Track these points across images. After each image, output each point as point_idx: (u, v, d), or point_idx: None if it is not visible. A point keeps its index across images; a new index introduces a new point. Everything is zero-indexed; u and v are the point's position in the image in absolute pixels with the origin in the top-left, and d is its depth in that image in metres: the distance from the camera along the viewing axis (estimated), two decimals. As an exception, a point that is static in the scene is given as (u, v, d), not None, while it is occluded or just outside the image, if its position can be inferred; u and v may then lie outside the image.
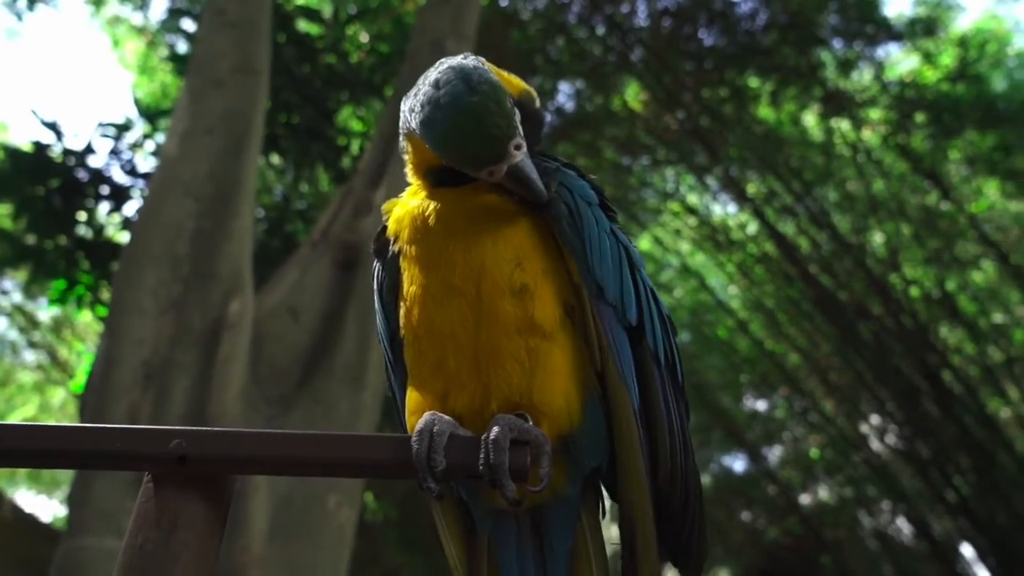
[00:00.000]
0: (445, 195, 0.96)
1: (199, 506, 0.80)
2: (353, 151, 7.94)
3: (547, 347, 0.89)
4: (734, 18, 9.55)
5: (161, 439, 0.80)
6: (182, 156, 4.08)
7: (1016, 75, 9.98)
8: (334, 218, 4.62)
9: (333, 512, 3.41)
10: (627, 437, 0.90)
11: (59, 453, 0.80)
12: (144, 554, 0.75)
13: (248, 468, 0.82)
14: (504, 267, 0.91)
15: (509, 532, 0.94)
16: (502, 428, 0.81)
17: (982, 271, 9.96)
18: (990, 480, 9.22)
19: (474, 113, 0.86)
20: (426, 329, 0.93)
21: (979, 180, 9.40)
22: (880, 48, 9.42)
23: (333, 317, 4.04)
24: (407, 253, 0.97)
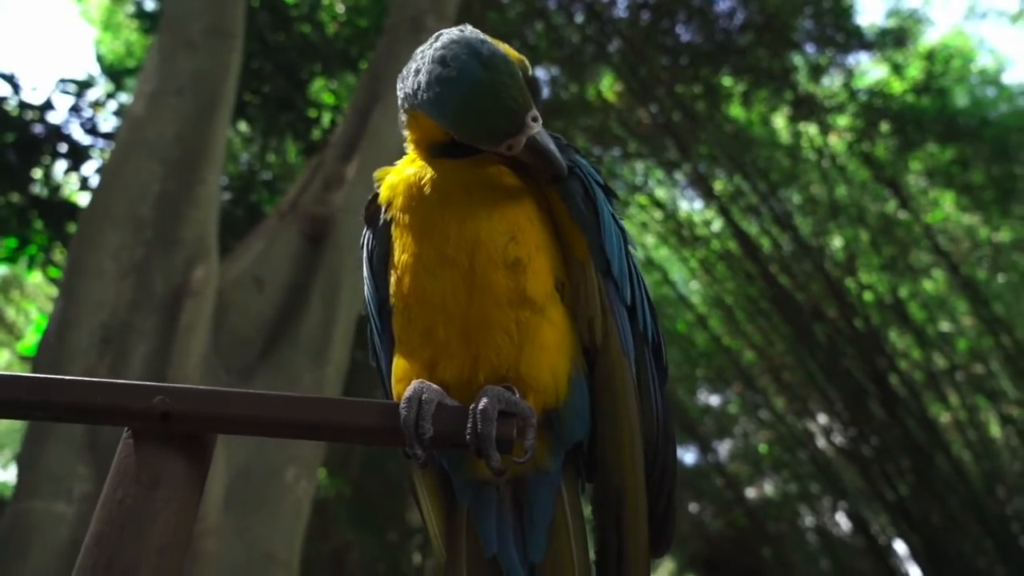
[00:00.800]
0: (442, 165, 0.96)
1: (180, 464, 0.79)
2: (324, 124, 7.82)
3: (537, 321, 0.90)
4: (712, 16, 9.62)
5: (144, 395, 0.79)
6: (149, 117, 3.97)
7: (977, 92, 10.28)
8: (303, 190, 4.56)
9: (291, 485, 3.39)
10: (624, 409, 0.91)
11: (37, 404, 0.78)
12: (124, 508, 0.74)
13: (231, 428, 0.81)
14: (498, 239, 0.91)
15: (489, 504, 0.95)
16: (491, 399, 0.82)
17: (933, 280, 10.27)
18: (927, 481, 9.56)
19: (490, 88, 0.86)
20: (417, 298, 0.93)
21: (936, 192, 9.68)
22: (851, 56, 9.60)
23: (299, 289, 3.99)
24: (400, 221, 0.97)
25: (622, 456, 0.91)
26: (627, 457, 0.91)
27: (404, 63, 4.38)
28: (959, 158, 9.10)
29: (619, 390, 0.91)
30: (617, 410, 0.91)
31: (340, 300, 4.02)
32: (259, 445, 3.40)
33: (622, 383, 0.92)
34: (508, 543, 0.94)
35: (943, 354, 10.05)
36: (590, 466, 0.97)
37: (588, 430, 0.93)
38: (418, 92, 0.92)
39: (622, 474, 0.91)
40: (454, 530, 0.96)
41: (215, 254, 3.76)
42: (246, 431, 0.82)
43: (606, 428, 0.92)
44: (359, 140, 4.85)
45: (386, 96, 5.15)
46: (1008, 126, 9.26)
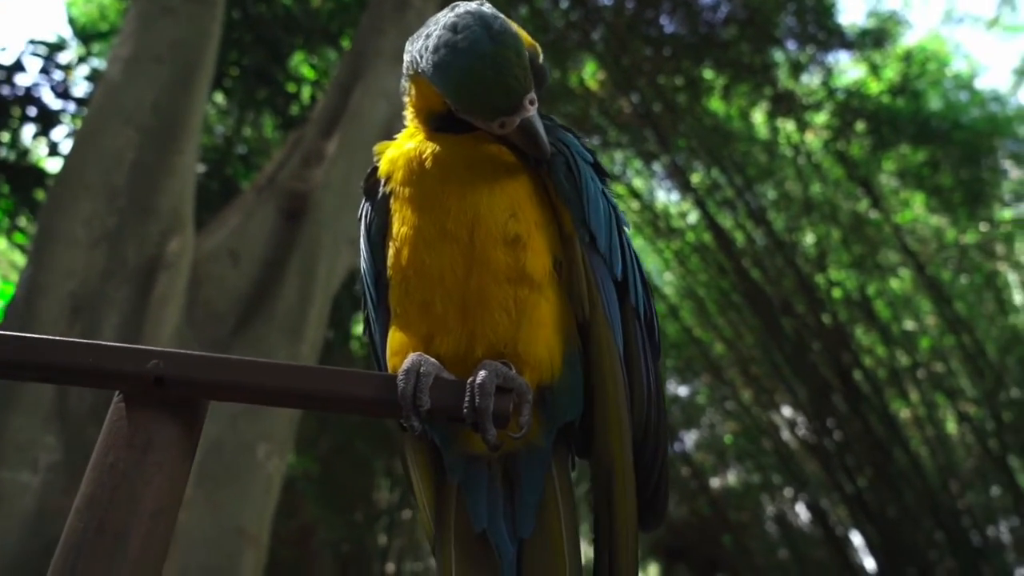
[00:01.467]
0: (444, 140, 0.96)
1: (173, 429, 0.78)
2: (303, 99, 7.71)
3: (535, 298, 0.91)
4: (696, 8, 9.65)
5: (138, 358, 0.78)
6: (126, 83, 3.88)
7: (951, 96, 10.46)
8: (282, 165, 4.50)
9: (262, 462, 3.37)
10: (611, 384, 0.92)
11: (26, 364, 0.77)
12: (115, 472, 0.73)
13: (226, 394, 0.81)
14: (499, 216, 0.91)
15: (480, 479, 0.96)
16: (489, 373, 0.82)
17: (900, 279, 10.48)
18: (884, 475, 9.80)
19: (494, 62, 0.86)
20: (415, 270, 0.93)
21: (907, 192, 9.85)
22: (831, 55, 9.69)
23: (275, 265, 3.95)
24: (399, 194, 0.96)
25: (609, 432, 0.92)
26: (614, 433, 0.92)
27: (388, 41, 4.39)
28: (930, 160, 9.27)
29: (605, 363, 0.92)
30: (605, 384, 0.92)
31: (317, 277, 3.99)
32: (232, 420, 3.37)
33: (608, 356, 0.93)
34: (498, 519, 0.95)
35: (906, 352, 10.27)
36: (582, 444, 0.98)
37: (580, 409, 0.94)
38: (423, 56, 0.91)
39: (610, 450, 0.92)
40: (443, 505, 0.97)
41: (191, 226, 3.71)
42: (241, 398, 0.81)
43: (597, 404, 0.93)
44: (340, 117, 4.80)
45: (368, 74, 5.09)
46: (979, 131, 9.45)
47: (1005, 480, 9.84)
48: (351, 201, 4.59)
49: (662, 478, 0.98)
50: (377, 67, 5.13)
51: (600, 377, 0.92)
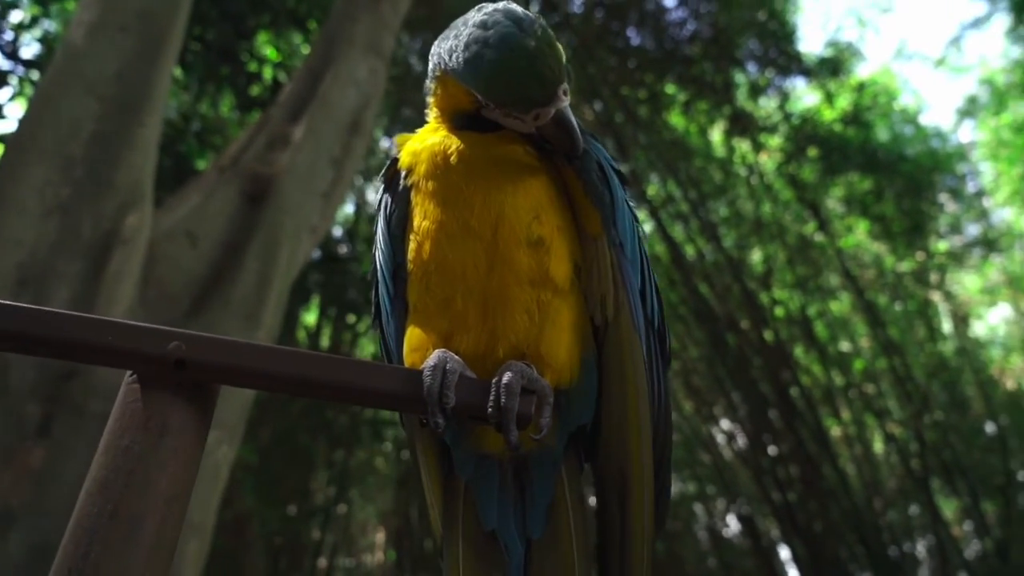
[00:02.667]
0: (469, 137, 0.96)
1: (189, 413, 0.76)
2: (265, 80, 7.54)
3: (557, 302, 0.91)
4: (663, 23, 9.81)
5: (159, 339, 0.75)
6: (88, 50, 3.72)
7: (897, 129, 10.90)
8: (246, 146, 4.39)
9: (211, 448, 3.27)
10: (633, 389, 0.93)
11: (43, 339, 0.73)
12: (131, 456, 0.71)
13: (246, 381, 0.79)
14: (523, 217, 0.91)
15: (491, 479, 0.96)
16: (515, 374, 0.82)
17: (840, 301, 10.85)
18: (813, 490, 10.13)
19: (528, 53, 0.85)
20: (437, 265, 0.92)
21: (852, 219, 10.20)
22: (788, 80, 9.98)
23: (234, 249, 3.85)
24: (422, 188, 0.96)
25: (629, 436, 0.92)
26: (634, 437, 0.92)
27: (361, 29, 4.36)
28: (876, 189, 9.63)
29: (628, 367, 0.93)
30: (626, 389, 0.93)
31: (277, 263, 3.90)
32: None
33: (631, 360, 0.93)
34: (508, 519, 0.95)
35: (841, 372, 10.64)
36: (589, 448, 0.99)
37: (592, 413, 0.95)
38: (452, 55, 0.91)
39: (627, 454, 0.92)
40: (451, 503, 0.97)
41: (150, 203, 3.58)
42: (261, 385, 0.79)
43: (613, 408, 0.94)
44: (308, 103, 4.71)
45: (339, 61, 5.02)
46: (921, 164, 9.87)
47: (924, 499, 10.28)
48: (315, 188, 4.51)
49: (665, 486, 1.00)
50: (349, 55, 5.06)
51: (621, 382, 0.93)
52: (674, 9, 10.01)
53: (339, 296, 8.70)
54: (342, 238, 9.82)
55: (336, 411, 8.65)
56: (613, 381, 0.94)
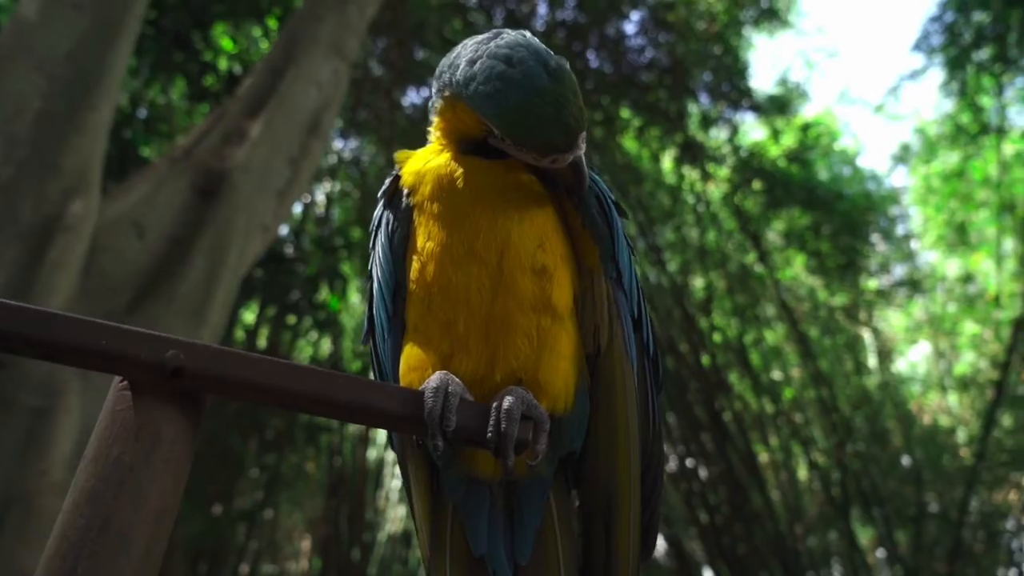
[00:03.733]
0: (475, 162, 0.96)
1: (182, 424, 0.73)
2: (220, 71, 7.36)
3: (556, 329, 0.92)
4: (623, 48, 10.01)
5: (156, 346, 0.73)
6: (40, 25, 3.57)
7: (836, 169, 11.36)
8: (200, 139, 4.27)
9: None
10: (623, 417, 0.94)
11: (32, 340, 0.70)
12: (122, 466, 0.68)
13: (244, 393, 0.77)
14: (528, 244, 0.92)
15: (481, 503, 0.95)
16: (515, 400, 0.82)
17: (774, 331, 11.19)
18: (740, 514, 10.39)
19: (553, 99, 0.86)
20: (440, 288, 0.92)
21: (791, 252, 10.55)
22: (739, 113, 10.30)
23: (183, 243, 3.73)
24: (426, 209, 0.95)
25: (618, 463, 0.94)
26: (623, 465, 0.94)
27: (326, 29, 4.33)
28: (814, 225, 9.99)
29: (619, 398, 0.94)
30: (616, 417, 0.94)
31: (226, 261, 3.80)
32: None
33: (623, 391, 0.95)
34: (498, 544, 0.94)
35: (771, 400, 10.97)
36: (575, 473, 1.00)
37: (583, 439, 0.96)
38: (471, 83, 0.90)
39: (616, 481, 0.94)
40: (439, 525, 0.96)
41: (97, 190, 3.44)
42: (260, 398, 0.77)
43: (602, 436, 0.95)
44: (268, 99, 4.62)
45: (302, 59, 4.94)
46: (857, 205, 10.30)
47: (843, 527, 10.64)
48: (270, 186, 4.42)
49: (655, 514, 1.01)
50: (312, 54, 4.99)
51: (611, 412, 0.94)
52: (634, 36, 10.23)
53: (281, 296, 8.52)
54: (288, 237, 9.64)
55: (271, 413, 8.44)
56: (604, 410, 0.95)
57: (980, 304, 10.30)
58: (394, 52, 10.13)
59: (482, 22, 10.04)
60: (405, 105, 11.10)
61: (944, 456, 10.03)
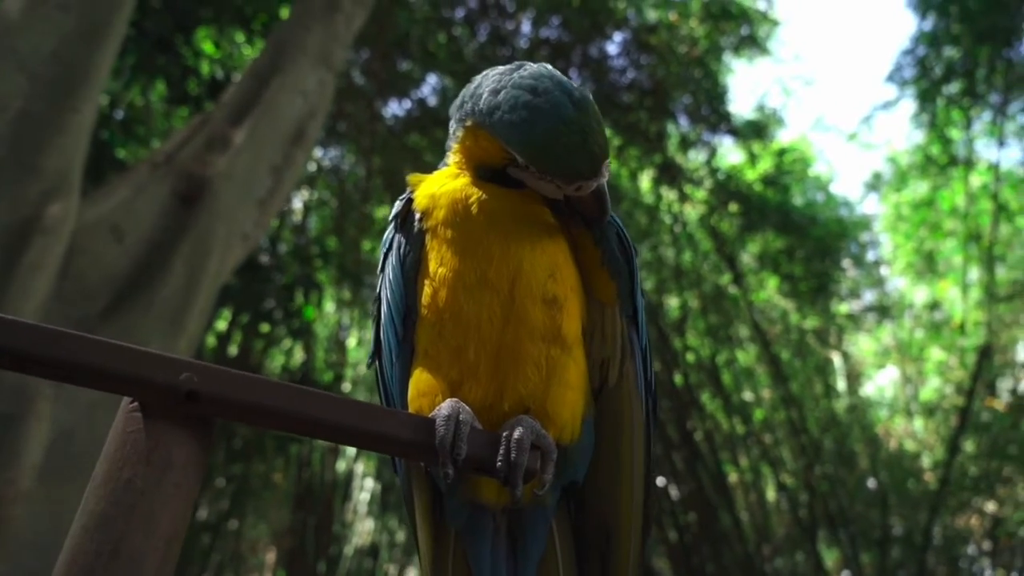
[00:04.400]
0: (491, 189, 0.96)
1: (193, 447, 0.73)
2: (203, 75, 7.30)
3: (565, 360, 0.93)
4: (605, 68, 10.12)
5: (170, 368, 0.72)
6: (24, 24, 3.52)
7: (810, 195, 11.57)
8: (183, 144, 4.23)
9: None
10: (629, 452, 0.95)
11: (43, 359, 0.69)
12: (132, 490, 0.67)
13: (257, 418, 0.76)
14: (540, 274, 0.93)
15: (484, 530, 0.96)
16: (526, 430, 0.83)
17: (746, 352, 11.32)
18: (708, 533, 10.44)
19: (579, 128, 0.87)
20: (452, 314, 0.92)
21: (765, 274, 10.71)
22: (717, 137, 10.46)
23: (162, 249, 3.68)
24: (440, 233, 0.96)
25: (621, 496, 0.95)
26: (625, 498, 0.95)
27: (314, 39, 4.35)
28: (788, 249, 10.15)
29: (626, 432, 0.96)
30: (620, 451, 0.95)
31: (206, 269, 3.76)
32: (89, 409, 3.07)
33: (630, 426, 0.96)
34: (500, 571, 0.94)
35: (742, 420, 11.07)
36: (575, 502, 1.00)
37: (586, 470, 0.97)
38: (495, 112, 0.91)
39: (616, 513, 0.95)
40: (441, 551, 0.96)
41: (76, 193, 3.39)
42: (271, 424, 0.77)
43: (604, 467, 0.96)
44: (253, 107, 4.60)
45: (288, 68, 4.92)
46: (830, 230, 10.49)
47: (809, 548, 10.75)
48: (252, 194, 4.38)
49: (644, 545, 1.02)
50: (299, 63, 4.98)
51: (616, 445, 0.95)
52: (616, 57, 10.35)
53: (256, 304, 8.42)
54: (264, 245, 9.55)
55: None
56: (609, 442, 0.96)
57: (946, 331, 10.53)
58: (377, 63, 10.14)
59: (466, 37, 10.10)
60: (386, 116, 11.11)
61: (909, 480, 10.20)
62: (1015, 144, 10.03)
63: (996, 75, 9.52)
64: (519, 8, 10.41)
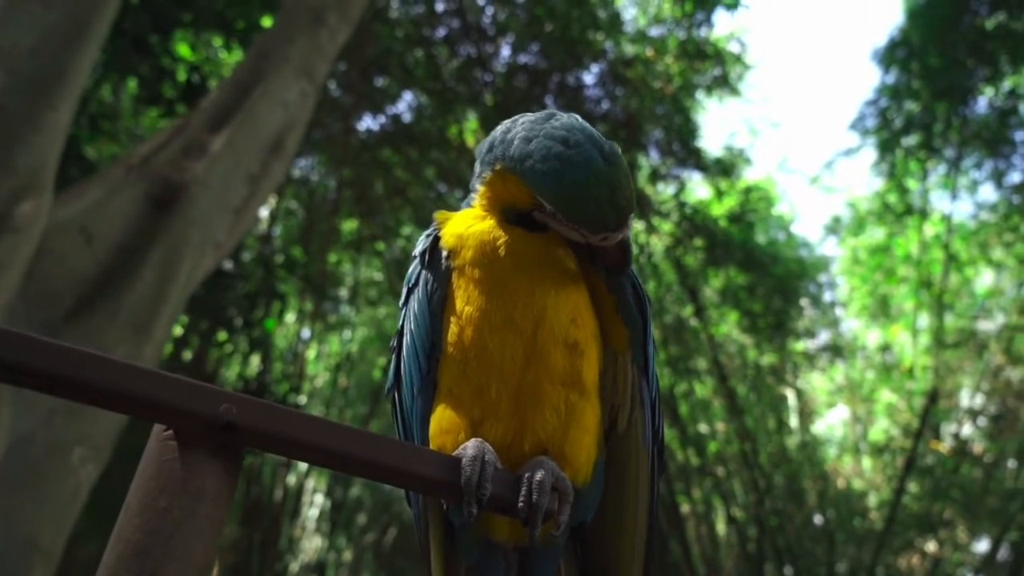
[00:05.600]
0: (518, 233, 0.99)
1: (223, 477, 0.73)
2: (179, 79, 7.21)
3: (583, 404, 0.95)
4: (581, 97, 10.28)
5: (210, 399, 0.72)
6: (4, 18, 3.45)
7: (772, 233, 11.86)
8: (160, 148, 4.17)
9: (75, 467, 3.00)
10: (634, 499, 0.98)
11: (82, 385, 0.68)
12: (170, 520, 0.67)
13: (292, 451, 0.77)
14: (562, 319, 0.95)
15: (496, 566, 0.97)
16: (547, 472, 0.85)
17: (704, 385, 11.49)
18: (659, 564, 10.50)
19: (608, 181, 0.91)
20: (476, 353, 0.94)
21: (725, 309, 10.91)
22: (686, 172, 10.67)
23: (132, 254, 3.61)
24: (467, 273, 0.97)
25: (624, 539, 0.97)
26: (628, 541, 0.97)
27: (297, 51, 4.38)
28: (749, 285, 10.37)
29: (632, 478, 0.98)
30: (626, 497, 0.98)
31: (176, 276, 3.69)
32: (48, 416, 2.98)
33: (636, 472, 0.99)
34: None
35: (696, 452, 11.21)
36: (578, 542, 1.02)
37: (594, 512, 0.99)
38: (527, 160, 0.94)
39: (619, 556, 0.97)
40: (452, 584, 0.97)
41: (49, 192, 3.31)
42: (305, 456, 0.77)
43: (610, 511, 0.98)
44: (232, 115, 4.56)
45: (271, 78, 4.90)
46: (790, 269, 10.76)
47: (755, 581, 10.88)
48: (227, 203, 4.33)
49: None
50: (281, 74, 4.96)
51: (623, 489, 0.98)
52: (592, 87, 10.52)
53: (216, 312, 8.26)
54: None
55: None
56: (617, 486, 0.99)
57: (896, 374, 10.84)
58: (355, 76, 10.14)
59: (445, 56, 10.17)
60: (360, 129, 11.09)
61: (855, 518, 10.41)
62: (967, 197, 10.47)
63: (952, 131, 9.94)
64: (499, 32, 10.53)
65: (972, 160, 10.08)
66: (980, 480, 9.84)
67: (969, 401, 10.47)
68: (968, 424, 10.34)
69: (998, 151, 9.71)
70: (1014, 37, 9.15)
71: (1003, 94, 9.69)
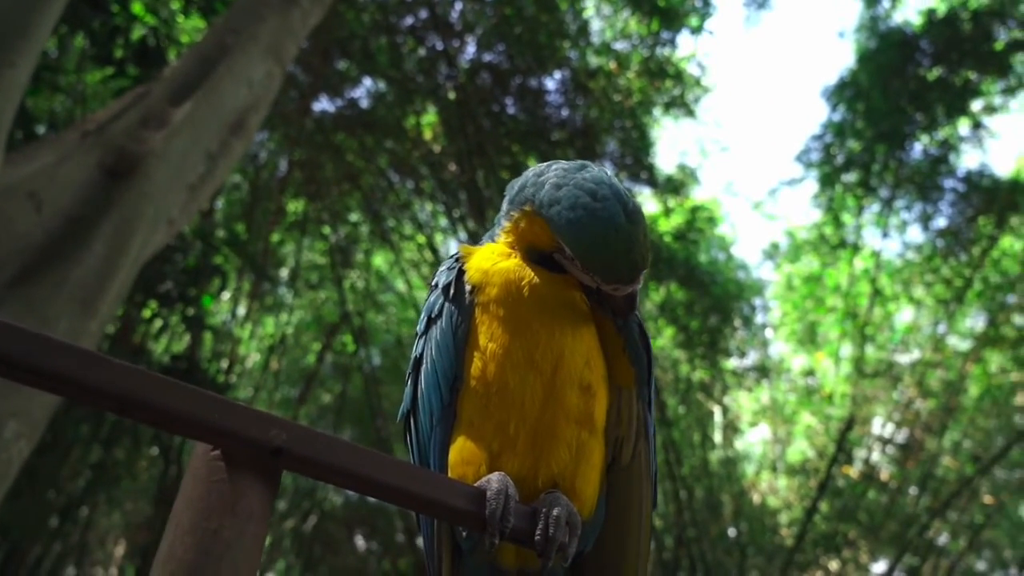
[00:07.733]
0: (539, 273, 1.03)
1: (266, 499, 0.75)
2: (132, 39, 6.93)
3: (593, 443, 1.01)
4: (541, 102, 10.36)
5: (261, 424, 0.74)
6: (-36, -35, 3.28)
7: (713, 253, 12.22)
8: (117, 116, 4.02)
9: (8, 442, 2.87)
10: (636, 528, 1.03)
11: (143, 405, 0.69)
12: (220, 541, 0.69)
13: (335, 478, 0.79)
14: (578, 361, 1.00)
15: None
16: (563, 508, 0.90)
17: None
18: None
19: (628, 239, 0.96)
20: (499, 389, 0.98)
21: (662, 323, 11.18)
22: (637, 186, 10.88)
23: (82, 224, 3.48)
24: (491, 310, 1.01)
25: (626, 568, 1.03)
26: (631, 570, 1.03)
27: (267, 30, 4.37)
28: (688, 302, 10.65)
29: (634, 509, 1.04)
30: (628, 526, 1.03)
31: (127, 250, 3.58)
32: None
33: (639, 503, 1.04)
34: None
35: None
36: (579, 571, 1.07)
37: (594, 541, 1.04)
38: (554, 206, 0.99)
39: None
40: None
41: (2, 152, 3.16)
42: (343, 482, 0.80)
43: (611, 540, 1.03)
44: (196, 87, 4.43)
45: (237, 54, 4.79)
46: (728, 290, 11.11)
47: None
48: (184, 178, 4.22)
49: None
50: (248, 51, 4.85)
51: (625, 520, 1.04)
52: (553, 92, 10.62)
53: (151, 286, 7.98)
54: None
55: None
56: (618, 517, 1.04)
57: (817, 399, 11.33)
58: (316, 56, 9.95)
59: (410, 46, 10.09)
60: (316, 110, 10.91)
61: (767, 534, 10.83)
62: (896, 236, 11.02)
63: (888, 172, 10.46)
64: (466, 29, 10.51)
65: (904, 201, 10.62)
66: (884, 505, 10.40)
67: (880, 429, 11.04)
68: (878, 451, 10.91)
69: (928, 196, 10.27)
70: (951, 90, 9.69)
71: (937, 142, 10.24)
